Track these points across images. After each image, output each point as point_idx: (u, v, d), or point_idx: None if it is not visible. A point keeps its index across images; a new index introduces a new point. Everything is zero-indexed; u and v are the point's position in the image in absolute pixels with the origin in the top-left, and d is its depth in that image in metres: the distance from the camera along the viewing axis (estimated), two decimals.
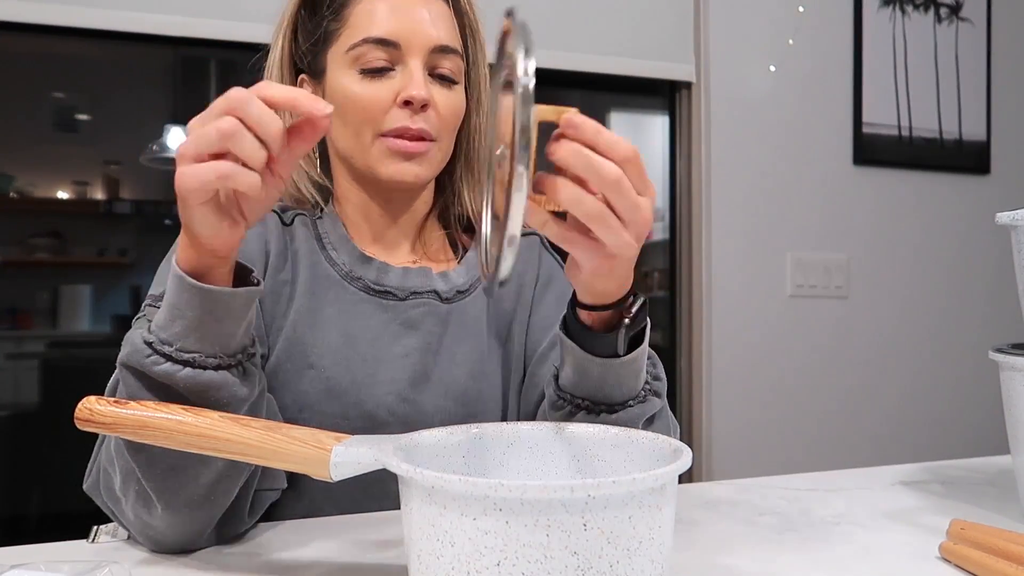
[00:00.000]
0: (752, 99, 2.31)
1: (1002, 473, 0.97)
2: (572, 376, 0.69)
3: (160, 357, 0.60)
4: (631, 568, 0.44)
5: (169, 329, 0.60)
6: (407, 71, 0.80)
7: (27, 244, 3.37)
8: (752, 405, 2.30)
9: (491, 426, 0.58)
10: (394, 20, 0.80)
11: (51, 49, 3.04)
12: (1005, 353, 0.77)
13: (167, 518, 0.64)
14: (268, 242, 0.83)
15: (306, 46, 0.86)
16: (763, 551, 0.68)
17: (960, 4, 2.51)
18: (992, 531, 0.64)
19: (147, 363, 0.60)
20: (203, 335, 0.60)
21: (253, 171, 0.54)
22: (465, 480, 0.42)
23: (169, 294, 0.61)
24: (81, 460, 0.72)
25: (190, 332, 0.60)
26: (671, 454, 0.51)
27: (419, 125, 0.80)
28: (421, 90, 0.79)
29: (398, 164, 0.81)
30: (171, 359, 0.60)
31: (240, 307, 0.61)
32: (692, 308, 2.31)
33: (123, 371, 0.62)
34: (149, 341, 0.60)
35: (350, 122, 0.82)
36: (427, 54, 0.81)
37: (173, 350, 0.60)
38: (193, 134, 0.55)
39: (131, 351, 0.61)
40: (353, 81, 0.81)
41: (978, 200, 2.53)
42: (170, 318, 0.60)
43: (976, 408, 2.45)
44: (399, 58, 0.81)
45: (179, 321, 0.60)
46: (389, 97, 0.80)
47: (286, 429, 0.56)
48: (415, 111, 0.80)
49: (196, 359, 0.60)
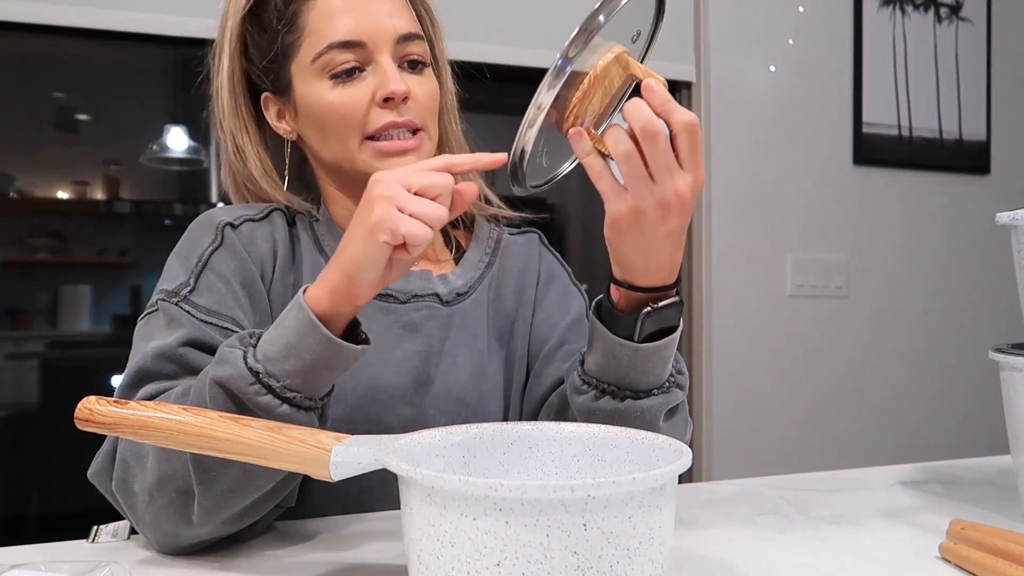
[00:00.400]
0: (752, 99, 2.31)
1: (1002, 473, 0.97)
2: (600, 360, 0.70)
3: (263, 388, 0.61)
4: (631, 568, 0.44)
5: (280, 365, 0.61)
6: (379, 68, 0.78)
7: (27, 244, 3.37)
8: (752, 405, 2.29)
9: (491, 426, 0.58)
10: (353, 19, 0.78)
11: (51, 49, 3.04)
12: (1005, 353, 0.77)
13: (196, 530, 0.64)
14: (276, 242, 0.82)
15: (263, 64, 0.82)
16: (763, 551, 0.68)
17: (960, 4, 2.51)
18: (992, 531, 0.64)
19: (249, 391, 0.60)
20: (309, 379, 0.62)
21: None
22: (465, 480, 0.42)
23: (288, 332, 0.62)
24: (80, 460, 0.71)
25: (300, 374, 0.61)
26: (671, 454, 0.51)
27: (404, 118, 0.78)
28: (399, 84, 0.77)
29: (390, 162, 0.79)
30: (274, 393, 0.61)
31: (351, 361, 0.64)
32: (692, 308, 2.31)
33: (215, 388, 0.61)
34: (256, 371, 0.61)
35: (332, 131, 0.80)
36: (393, 45, 0.79)
37: (279, 386, 0.61)
38: (419, 182, 0.61)
39: (233, 374, 0.61)
40: (325, 90, 0.79)
41: (978, 200, 2.53)
42: (284, 355, 0.61)
43: (976, 408, 2.45)
44: (368, 57, 0.78)
45: (293, 360, 0.61)
46: (367, 98, 0.78)
47: (286, 429, 0.56)
48: (396, 106, 0.78)
49: (295, 399, 0.62)
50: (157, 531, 0.65)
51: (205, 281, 0.74)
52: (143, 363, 0.69)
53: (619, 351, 0.68)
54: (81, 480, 0.70)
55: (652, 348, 0.68)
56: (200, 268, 0.75)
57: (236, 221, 0.80)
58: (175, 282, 0.74)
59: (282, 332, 0.62)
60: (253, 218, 0.82)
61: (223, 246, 0.77)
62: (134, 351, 0.73)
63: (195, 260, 0.76)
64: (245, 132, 0.85)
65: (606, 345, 0.69)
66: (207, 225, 0.79)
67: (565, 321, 0.89)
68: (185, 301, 0.72)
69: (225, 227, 0.78)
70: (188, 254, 0.77)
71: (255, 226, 0.81)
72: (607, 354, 0.69)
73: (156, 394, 0.67)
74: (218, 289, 0.74)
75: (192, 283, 0.74)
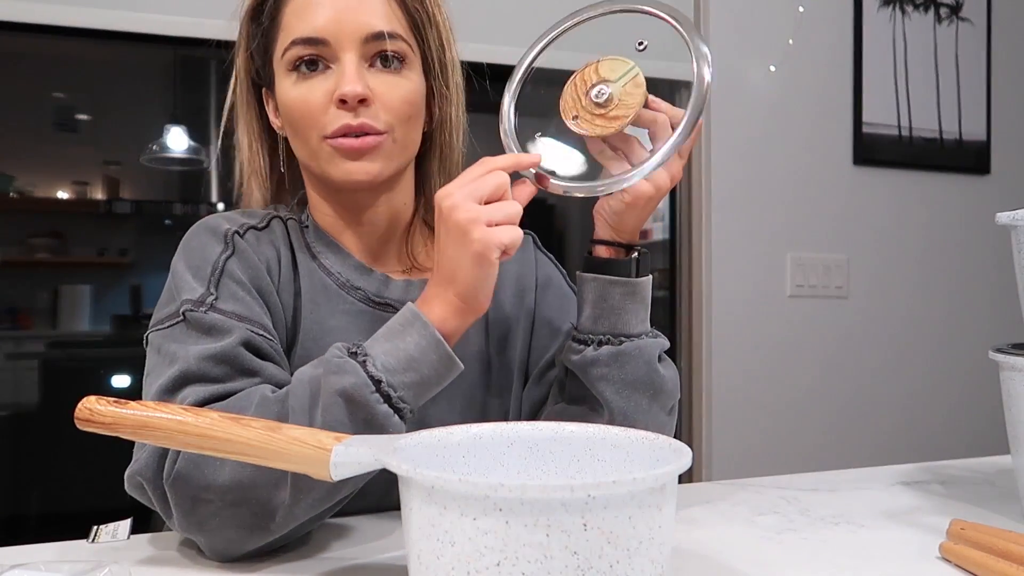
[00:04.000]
0: (752, 99, 2.31)
1: (1002, 473, 0.97)
2: (592, 313, 0.77)
3: (381, 397, 0.63)
4: (631, 568, 0.44)
5: (399, 376, 0.64)
6: (340, 67, 0.76)
7: (27, 244, 3.38)
8: (752, 405, 2.29)
9: (491, 426, 0.58)
10: (320, 15, 0.76)
11: (51, 49, 3.04)
12: (1005, 353, 0.77)
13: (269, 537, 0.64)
14: (279, 250, 0.81)
15: (259, 59, 0.83)
16: (763, 551, 0.68)
17: (960, 4, 2.51)
18: (992, 531, 0.64)
19: (371, 399, 0.62)
20: (421, 392, 0.66)
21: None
22: (465, 480, 0.42)
23: (411, 347, 0.65)
24: (81, 460, 0.71)
25: (415, 387, 0.65)
26: (671, 454, 0.51)
27: (360, 120, 0.75)
28: (354, 85, 0.74)
29: (348, 164, 0.77)
30: (391, 403, 0.64)
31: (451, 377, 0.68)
32: (692, 308, 2.31)
33: (333, 398, 0.62)
34: (377, 379, 0.63)
35: (298, 129, 0.78)
36: (360, 44, 0.76)
37: (396, 396, 0.64)
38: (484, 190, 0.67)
39: (356, 383, 0.62)
40: (289, 86, 0.78)
41: (978, 200, 2.53)
42: (405, 367, 0.65)
43: (976, 408, 2.45)
44: (332, 54, 0.76)
45: (412, 374, 0.65)
46: (324, 97, 0.76)
47: (286, 429, 0.56)
48: (353, 108, 0.75)
49: (404, 410, 0.65)
50: (222, 537, 0.63)
51: (227, 289, 0.73)
52: (187, 366, 0.67)
53: (612, 292, 0.76)
54: (81, 480, 0.70)
55: (642, 282, 0.77)
56: (218, 277, 0.74)
57: (241, 230, 0.79)
58: (195, 293, 0.72)
59: (402, 347, 0.65)
60: (256, 226, 0.81)
61: (236, 254, 0.76)
62: (164, 358, 0.70)
63: (209, 269, 0.74)
64: (245, 128, 0.86)
65: (599, 291, 0.76)
66: (211, 234, 0.78)
67: (564, 327, 0.88)
68: (214, 309, 0.71)
69: (233, 235, 0.78)
70: (200, 263, 0.75)
71: (259, 234, 0.81)
72: (599, 303, 0.76)
73: (204, 397, 0.66)
74: (242, 297, 0.73)
75: (214, 291, 0.72)
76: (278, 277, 0.80)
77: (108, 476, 1.00)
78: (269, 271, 0.79)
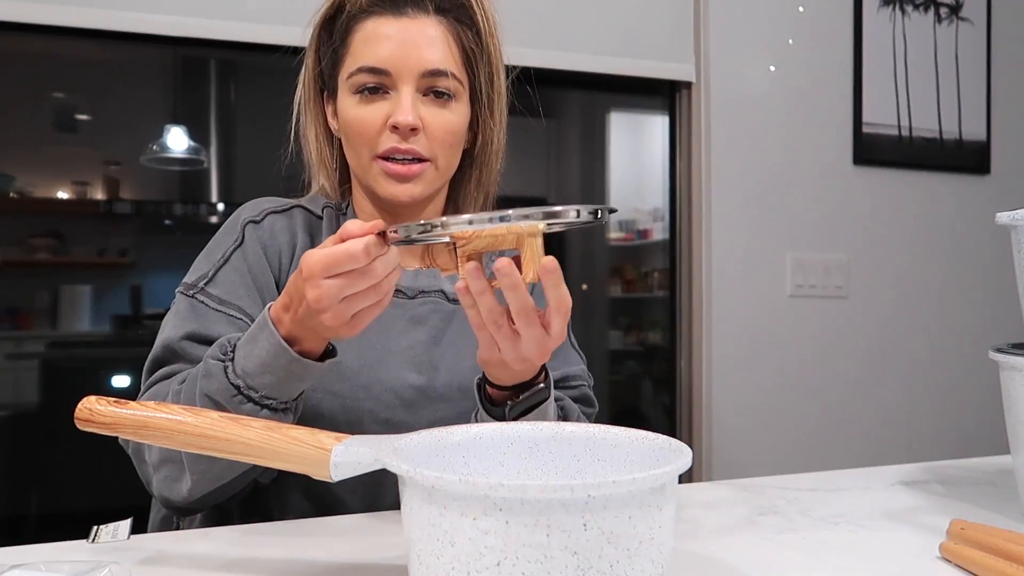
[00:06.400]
0: (752, 99, 2.31)
1: (1002, 473, 0.97)
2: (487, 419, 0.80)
3: (244, 398, 0.70)
4: (631, 568, 0.44)
5: (257, 379, 0.70)
6: (398, 96, 0.84)
7: (27, 244, 3.37)
8: (752, 405, 2.30)
9: (491, 426, 0.58)
10: (386, 48, 0.84)
11: (51, 49, 3.04)
12: (1005, 353, 0.77)
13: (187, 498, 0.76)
14: (296, 234, 0.90)
15: (327, 68, 0.91)
16: (763, 551, 0.68)
17: (960, 4, 2.51)
18: (992, 531, 0.64)
19: (233, 401, 0.70)
20: (285, 389, 0.71)
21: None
22: (465, 480, 0.42)
23: (263, 353, 0.69)
24: (80, 460, 0.72)
25: (276, 386, 0.70)
26: (671, 454, 0.51)
27: (408, 146, 0.85)
28: (408, 116, 0.83)
29: (393, 185, 0.86)
30: (253, 402, 0.70)
31: (320, 373, 0.72)
32: (692, 308, 2.31)
33: (205, 400, 0.71)
34: (237, 385, 0.70)
35: (353, 143, 0.88)
36: (418, 79, 0.85)
37: (258, 396, 0.70)
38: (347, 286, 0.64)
39: (219, 388, 0.70)
40: (351, 105, 0.86)
41: (978, 200, 2.53)
42: (260, 371, 0.70)
43: (976, 408, 2.45)
44: (393, 84, 0.85)
45: (268, 375, 0.70)
46: (380, 120, 0.85)
47: (286, 429, 0.56)
48: (404, 135, 0.84)
49: (273, 404, 0.71)
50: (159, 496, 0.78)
51: (223, 274, 0.85)
52: (156, 352, 0.81)
53: (495, 413, 0.78)
54: (81, 480, 0.70)
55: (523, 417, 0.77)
56: (222, 263, 0.86)
57: (259, 217, 0.89)
58: (195, 275, 0.85)
59: (256, 352, 0.70)
60: (275, 210, 0.91)
61: (243, 244, 0.87)
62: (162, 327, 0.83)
63: (219, 256, 0.86)
64: (311, 123, 0.94)
65: (488, 417, 0.78)
66: (233, 223, 0.90)
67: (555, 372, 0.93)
68: (201, 292, 0.83)
69: (247, 225, 0.88)
70: (214, 249, 0.88)
71: (276, 218, 0.90)
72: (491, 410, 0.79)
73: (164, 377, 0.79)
74: (232, 281, 0.84)
75: (211, 275, 0.85)
76: (291, 258, 0.89)
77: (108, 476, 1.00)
78: (279, 253, 0.88)
